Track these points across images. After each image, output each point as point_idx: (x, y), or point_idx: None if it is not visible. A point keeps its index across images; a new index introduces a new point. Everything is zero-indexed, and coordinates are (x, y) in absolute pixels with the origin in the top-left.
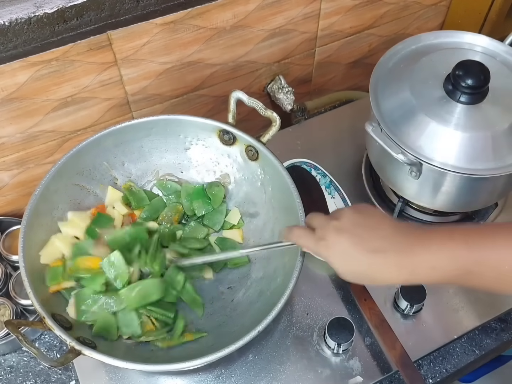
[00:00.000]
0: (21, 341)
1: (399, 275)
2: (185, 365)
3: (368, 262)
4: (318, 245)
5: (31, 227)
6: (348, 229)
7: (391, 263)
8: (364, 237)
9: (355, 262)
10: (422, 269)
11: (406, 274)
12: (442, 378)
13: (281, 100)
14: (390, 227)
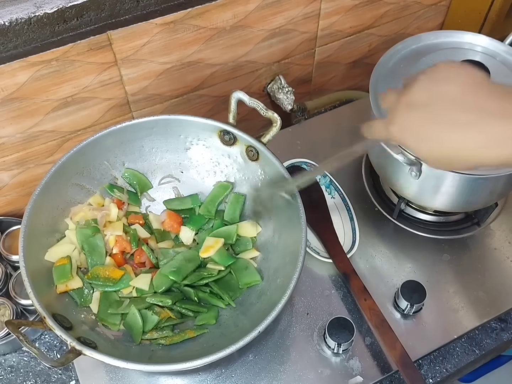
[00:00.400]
0: (21, 341)
1: (501, 150)
2: (185, 366)
3: (456, 142)
4: (389, 129)
5: (31, 227)
6: (423, 102)
7: (489, 137)
8: (445, 112)
9: (439, 144)
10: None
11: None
12: (442, 378)
13: (281, 100)
14: (481, 91)
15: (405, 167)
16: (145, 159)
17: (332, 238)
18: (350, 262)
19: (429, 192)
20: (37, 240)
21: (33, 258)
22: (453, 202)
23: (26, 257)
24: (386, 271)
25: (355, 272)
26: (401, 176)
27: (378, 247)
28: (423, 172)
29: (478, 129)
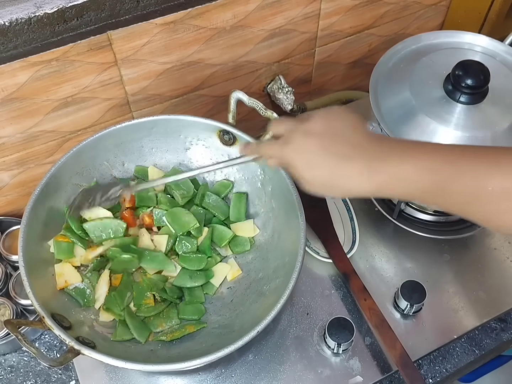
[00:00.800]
0: (20, 341)
1: (368, 184)
2: (185, 365)
3: (336, 168)
4: (283, 149)
5: (31, 227)
6: (318, 132)
7: (360, 171)
8: (334, 142)
9: (321, 168)
10: (394, 180)
11: (376, 183)
12: (442, 378)
13: (281, 100)
14: (363, 134)
15: None
16: (145, 159)
17: (332, 238)
18: (350, 262)
19: None
20: (36, 240)
21: (33, 258)
22: None
23: (25, 257)
24: (386, 271)
25: (355, 272)
26: None
27: (378, 247)
28: None
29: (356, 163)
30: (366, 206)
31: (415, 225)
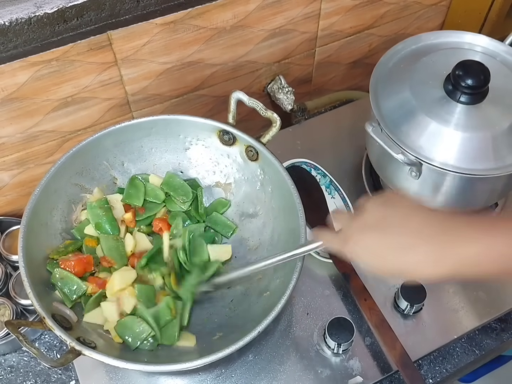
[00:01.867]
0: (21, 341)
1: (436, 270)
2: (185, 366)
3: (401, 261)
4: (343, 248)
5: (31, 227)
6: (372, 225)
7: (425, 259)
8: (391, 235)
9: (384, 261)
10: (465, 264)
11: (445, 269)
12: (442, 378)
13: (281, 100)
14: (422, 219)
15: (405, 167)
16: (145, 159)
17: None
18: (350, 262)
19: (429, 192)
20: (36, 240)
21: (33, 258)
22: (453, 202)
23: (25, 257)
24: None
25: (355, 272)
26: (401, 176)
27: None
28: (423, 172)
29: (419, 252)
30: None
31: None
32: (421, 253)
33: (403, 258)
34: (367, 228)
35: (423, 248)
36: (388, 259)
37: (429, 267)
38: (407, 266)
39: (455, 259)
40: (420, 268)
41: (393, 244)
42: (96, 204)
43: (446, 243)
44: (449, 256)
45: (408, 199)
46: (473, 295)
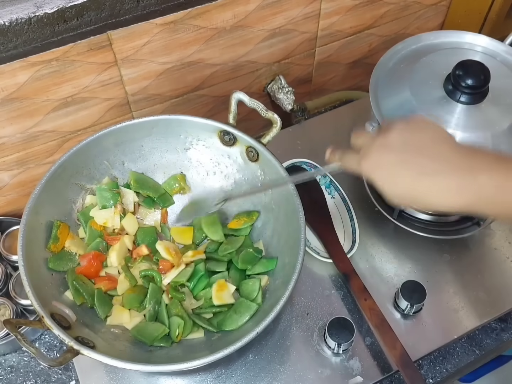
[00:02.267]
0: (19, 340)
1: (455, 200)
2: (184, 366)
3: (417, 182)
4: (361, 163)
5: (30, 226)
6: (396, 147)
7: (447, 187)
8: (414, 158)
9: (403, 184)
10: (488, 190)
11: (468, 196)
12: (442, 378)
13: (281, 100)
14: (449, 147)
15: None
16: (145, 159)
17: (332, 238)
18: (350, 262)
19: None
20: (36, 240)
21: (32, 257)
22: None
23: (25, 257)
24: (386, 271)
25: (355, 272)
26: None
27: (378, 247)
28: None
29: (440, 179)
30: (366, 206)
31: (415, 225)
32: (443, 181)
33: (422, 182)
34: (389, 148)
35: (447, 175)
36: (405, 182)
37: (449, 196)
38: (426, 192)
39: (476, 190)
40: (439, 195)
41: (415, 167)
42: (106, 186)
43: (468, 173)
44: (470, 187)
45: (437, 127)
46: (473, 295)
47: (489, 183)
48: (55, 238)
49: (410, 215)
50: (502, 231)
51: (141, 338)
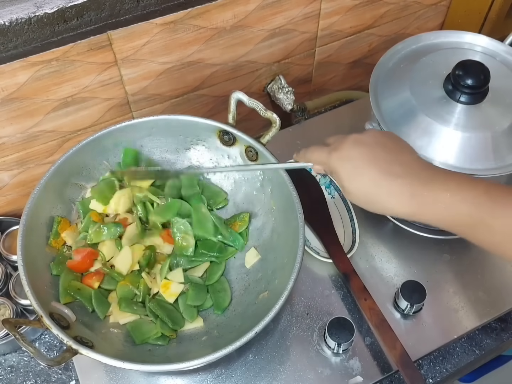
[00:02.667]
0: (18, 340)
1: (407, 205)
2: (182, 366)
3: (378, 182)
4: (330, 155)
5: (30, 226)
6: (368, 144)
7: (402, 191)
8: (382, 158)
9: (365, 181)
10: (434, 205)
11: (415, 206)
12: (442, 378)
13: (281, 100)
14: (412, 156)
15: None
16: (144, 159)
17: (332, 238)
18: (350, 262)
19: None
20: (35, 240)
21: (32, 257)
22: None
23: (24, 256)
24: (386, 271)
25: (355, 272)
26: None
27: (378, 247)
28: None
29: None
30: None
31: (415, 225)
32: (400, 184)
33: (381, 182)
34: (362, 143)
35: (403, 180)
36: (367, 180)
37: (400, 201)
38: (382, 193)
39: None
40: (392, 199)
41: (381, 166)
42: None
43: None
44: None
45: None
46: (473, 295)
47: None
48: (55, 234)
49: None
50: None
51: (132, 335)
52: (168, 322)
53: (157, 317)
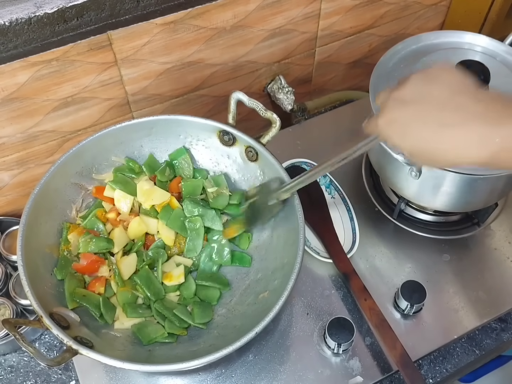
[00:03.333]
0: (17, 340)
1: (481, 150)
2: (182, 366)
3: (436, 137)
4: (377, 123)
5: (30, 225)
6: (412, 99)
7: (471, 137)
8: (433, 109)
9: (418, 138)
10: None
11: (491, 149)
12: (442, 378)
13: (281, 100)
14: (467, 94)
15: (405, 167)
16: (145, 159)
17: (332, 238)
18: (350, 262)
19: (429, 192)
20: (35, 239)
21: (32, 257)
22: (453, 202)
23: (24, 256)
24: (386, 271)
25: (355, 272)
26: (401, 176)
27: (378, 247)
28: (423, 172)
29: (462, 130)
30: (366, 206)
31: (415, 225)
32: (463, 133)
33: (440, 136)
34: (403, 102)
35: (468, 126)
36: (422, 137)
37: (471, 149)
38: (444, 147)
39: (499, 140)
40: (459, 150)
41: (433, 120)
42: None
43: (493, 122)
44: (493, 137)
45: (457, 74)
46: (473, 295)
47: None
48: (65, 240)
49: (410, 215)
50: (502, 231)
51: (139, 336)
52: (175, 321)
53: (164, 318)
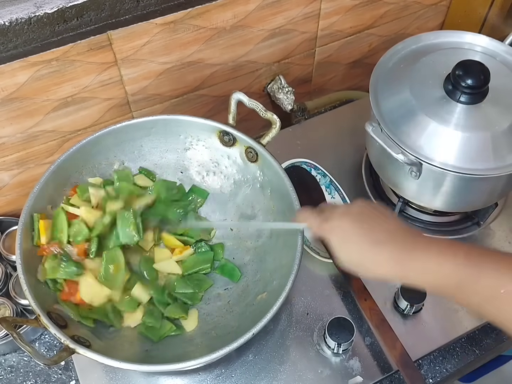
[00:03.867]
0: (15, 339)
1: (391, 270)
2: (179, 366)
3: (366, 251)
4: (321, 226)
5: (29, 226)
6: (354, 215)
7: (387, 256)
8: (367, 226)
9: (354, 249)
10: (416, 270)
11: (398, 270)
12: (442, 378)
13: (281, 100)
14: (395, 224)
15: (405, 167)
16: (144, 159)
17: None
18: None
19: (429, 192)
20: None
21: (31, 256)
22: (453, 202)
23: (23, 256)
24: None
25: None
26: (401, 176)
27: None
28: (423, 172)
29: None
30: None
31: (415, 225)
32: (386, 252)
33: (370, 250)
34: (348, 214)
35: (389, 247)
36: (357, 247)
37: (387, 267)
38: (370, 260)
39: (409, 268)
40: (380, 265)
41: (367, 237)
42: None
43: (407, 250)
44: (405, 264)
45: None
46: None
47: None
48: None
49: (410, 215)
50: (502, 231)
51: (148, 335)
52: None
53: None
